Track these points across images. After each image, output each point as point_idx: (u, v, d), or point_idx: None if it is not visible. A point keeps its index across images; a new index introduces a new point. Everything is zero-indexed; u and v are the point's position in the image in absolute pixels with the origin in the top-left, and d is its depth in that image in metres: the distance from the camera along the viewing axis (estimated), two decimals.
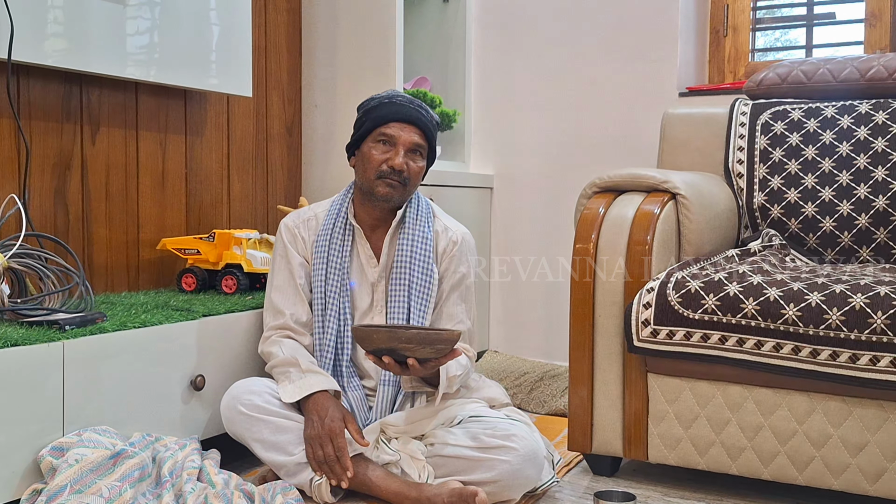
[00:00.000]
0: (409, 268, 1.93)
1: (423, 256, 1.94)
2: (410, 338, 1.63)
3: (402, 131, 1.91)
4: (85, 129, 2.22)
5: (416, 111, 1.93)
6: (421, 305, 1.92)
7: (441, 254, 1.98)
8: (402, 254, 1.94)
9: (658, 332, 1.85)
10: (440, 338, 1.64)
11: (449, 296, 1.98)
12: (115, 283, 2.31)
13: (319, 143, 2.90)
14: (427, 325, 1.92)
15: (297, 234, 2.00)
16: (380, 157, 1.90)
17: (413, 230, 1.95)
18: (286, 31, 2.87)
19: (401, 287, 1.93)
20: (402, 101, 1.93)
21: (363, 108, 1.97)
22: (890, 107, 2.25)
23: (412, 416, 1.85)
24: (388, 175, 1.90)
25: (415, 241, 1.94)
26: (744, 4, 2.89)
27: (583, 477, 2.02)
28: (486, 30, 3.13)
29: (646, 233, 1.95)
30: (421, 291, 1.93)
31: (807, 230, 2.23)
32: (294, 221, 2.02)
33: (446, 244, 1.99)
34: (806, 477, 1.77)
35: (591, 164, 2.91)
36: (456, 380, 1.85)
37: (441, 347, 1.65)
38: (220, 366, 1.98)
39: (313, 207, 2.05)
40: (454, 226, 2.03)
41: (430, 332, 1.65)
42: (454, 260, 1.98)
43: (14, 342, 1.56)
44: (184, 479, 1.65)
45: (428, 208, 2.02)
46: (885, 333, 1.64)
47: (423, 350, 1.65)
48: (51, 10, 1.98)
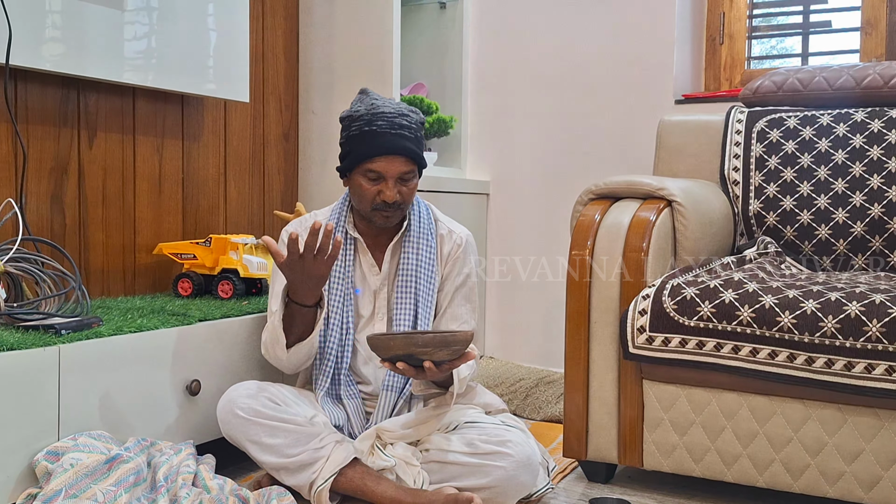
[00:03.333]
0: (416, 275, 1.94)
1: (428, 264, 1.95)
2: (427, 342, 1.65)
3: (390, 165, 1.86)
4: (82, 133, 2.22)
5: (399, 136, 1.87)
6: (428, 312, 1.94)
7: (446, 257, 2.00)
8: (407, 262, 1.95)
9: (653, 339, 1.85)
10: (455, 339, 1.66)
11: (454, 297, 1.99)
12: (112, 287, 2.31)
13: (316, 149, 2.91)
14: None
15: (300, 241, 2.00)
16: (372, 190, 1.88)
17: (418, 238, 1.96)
18: (283, 37, 2.87)
19: (407, 295, 1.93)
20: (383, 128, 1.86)
21: (345, 131, 1.92)
22: (885, 115, 2.26)
23: (408, 422, 1.85)
24: (382, 208, 1.89)
25: (420, 249, 1.96)
26: (740, 12, 2.90)
27: (578, 484, 2.02)
28: (482, 36, 3.13)
29: (641, 239, 1.95)
30: (426, 298, 1.94)
31: (802, 238, 2.24)
32: (297, 229, 2.01)
33: (451, 247, 2.00)
34: (801, 485, 1.77)
35: (588, 171, 2.92)
36: (465, 381, 1.87)
37: (456, 349, 1.67)
38: (215, 371, 1.98)
39: (315, 215, 2.05)
40: (457, 228, 2.04)
41: (446, 335, 1.66)
42: (458, 262, 1.99)
43: (10, 346, 1.56)
44: (179, 485, 1.65)
45: (429, 213, 2.02)
46: (881, 341, 1.65)
47: (439, 353, 1.66)
48: (49, 15, 1.98)
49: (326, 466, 1.75)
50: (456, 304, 1.98)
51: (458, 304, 1.99)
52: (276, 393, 1.85)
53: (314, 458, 1.76)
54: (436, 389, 1.92)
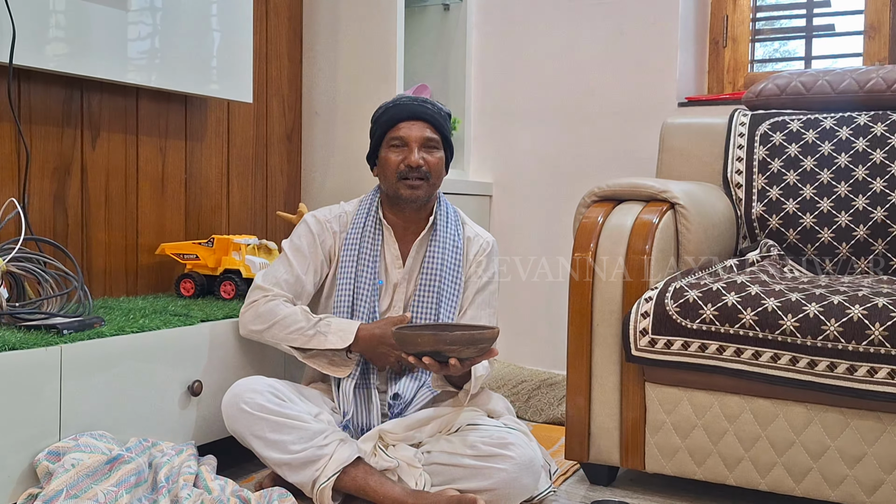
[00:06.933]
0: (440, 274, 1.95)
1: (453, 263, 1.97)
2: (455, 339, 1.65)
3: (412, 129, 1.94)
4: (85, 133, 2.22)
5: (422, 106, 1.96)
6: (450, 312, 1.95)
7: (471, 260, 2.02)
8: (433, 259, 1.96)
9: (656, 342, 1.85)
10: (483, 337, 1.66)
11: (474, 299, 2.00)
12: (114, 287, 2.31)
13: (319, 150, 2.91)
14: None
15: (327, 226, 2.01)
16: (396, 160, 1.94)
17: (444, 237, 1.98)
18: (287, 38, 2.88)
19: (430, 293, 1.95)
20: (406, 101, 1.98)
21: (373, 119, 2.02)
22: (888, 118, 2.26)
23: (410, 424, 1.85)
24: (407, 174, 1.93)
25: (446, 247, 1.97)
26: (743, 15, 2.90)
27: (579, 486, 2.02)
28: (486, 37, 3.13)
29: (644, 242, 1.95)
30: (450, 298, 1.95)
31: (805, 241, 2.23)
32: (325, 215, 2.03)
33: (477, 250, 2.03)
34: (803, 488, 1.77)
35: (590, 173, 2.92)
36: (480, 380, 1.88)
37: (483, 346, 1.67)
38: (217, 371, 1.98)
39: (342, 205, 2.07)
40: (483, 233, 2.07)
41: (475, 333, 1.66)
42: (481, 265, 2.02)
43: (12, 346, 1.56)
44: (180, 485, 1.65)
45: (456, 215, 2.05)
46: (883, 345, 1.64)
47: (466, 350, 1.66)
48: (52, 15, 1.98)
49: (329, 464, 1.75)
50: (476, 305, 2.00)
51: (478, 306, 2.00)
52: (282, 389, 1.85)
53: (317, 456, 1.76)
54: (450, 387, 1.92)
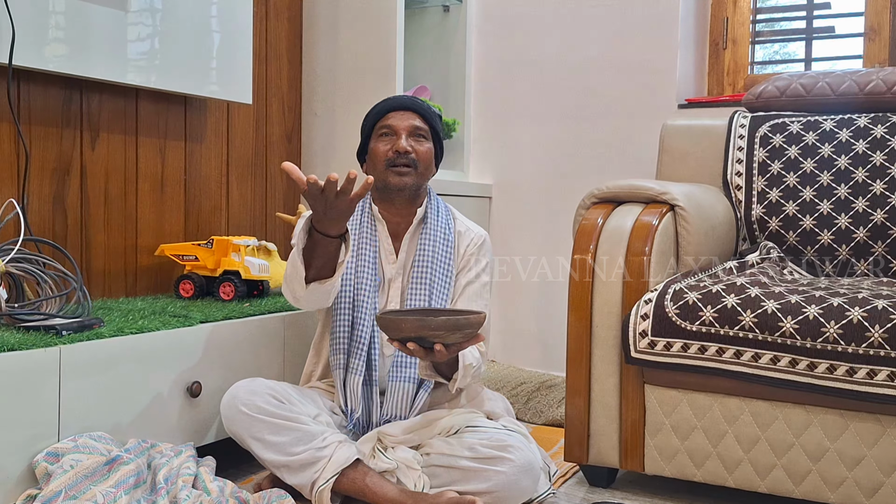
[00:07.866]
0: (431, 267, 1.95)
1: (444, 256, 1.97)
2: (440, 325, 1.63)
3: (401, 119, 1.96)
4: (85, 134, 2.22)
5: (411, 99, 2.00)
6: (441, 304, 1.95)
7: (462, 253, 2.02)
8: (423, 252, 1.96)
9: (655, 344, 1.85)
10: (469, 322, 1.65)
11: (464, 291, 2.00)
12: (113, 288, 2.31)
13: (319, 152, 2.91)
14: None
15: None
16: (384, 148, 1.95)
17: (435, 230, 1.99)
18: (287, 39, 2.88)
19: (421, 285, 1.95)
20: (396, 97, 2.02)
21: (364, 117, 2.03)
22: (888, 121, 2.26)
23: (409, 426, 1.85)
24: (395, 161, 1.93)
25: (436, 240, 1.98)
26: (743, 17, 2.90)
27: (579, 488, 2.02)
28: (486, 39, 3.13)
29: (644, 244, 1.95)
30: (441, 291, 1.95)
31: (805, 243, 2.23)
32: None
33: (468, 244, 2.03)
34: (802, 490, 1.77)
35: (590, 175, 2.92)
36: (470, 370, 1.86)
37: (469, 332, 1.66)
38: (216, 373, 1.98)
39: None
40: (474, 227, 2.07)
41: (459, 318, 1.65)
42: (472, 258, 2.02)
43: (11, 347, 1.56)
44: (179, 487, 1.65)
45: (447, 210, 2.05)
46: (883, 347, 1.64)
47: (451, 335, 1.65)
48: (52, 16, 1.98)
49: (328, 466, 1.75)
50: (466, 297, 1.99)
51: (468, 298, 1.99)
52: (281, 391, 1.84)
53: (316, 458, 1.75)
54: (439, 377, 1.91)
